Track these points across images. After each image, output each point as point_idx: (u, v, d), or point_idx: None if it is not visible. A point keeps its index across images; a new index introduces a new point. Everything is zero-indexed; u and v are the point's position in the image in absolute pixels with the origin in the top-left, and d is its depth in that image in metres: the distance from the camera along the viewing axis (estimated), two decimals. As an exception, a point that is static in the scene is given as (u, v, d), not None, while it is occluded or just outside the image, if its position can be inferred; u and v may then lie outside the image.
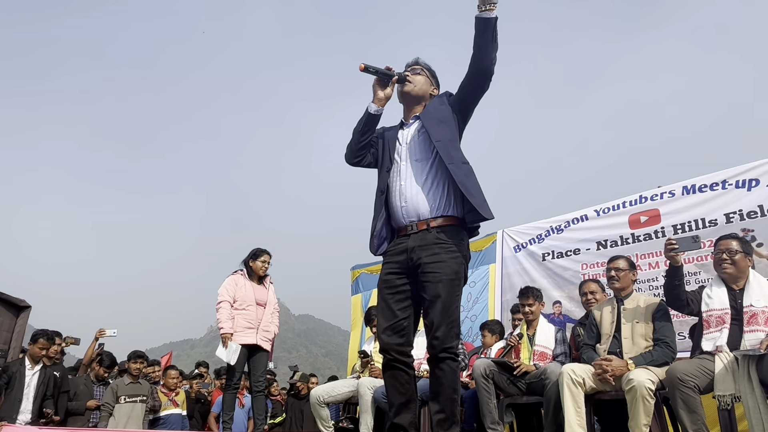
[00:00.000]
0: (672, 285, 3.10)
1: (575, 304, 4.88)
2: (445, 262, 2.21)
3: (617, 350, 3.24)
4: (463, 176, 2.27)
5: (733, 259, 2.99)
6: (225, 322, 4.40)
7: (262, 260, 4.71)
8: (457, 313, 2.23)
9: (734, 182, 4.26)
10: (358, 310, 7.15)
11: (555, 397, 3.20)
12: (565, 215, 5.35)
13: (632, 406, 2.85)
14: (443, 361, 2.18)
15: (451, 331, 2.18)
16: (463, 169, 2.29)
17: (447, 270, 2.20)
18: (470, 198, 2.22)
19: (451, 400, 2.18)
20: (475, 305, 5.87)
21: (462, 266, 2.27)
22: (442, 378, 2.18)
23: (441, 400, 2.18)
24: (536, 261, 5.44)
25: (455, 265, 2.23)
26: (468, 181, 2.27)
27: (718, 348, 2.84)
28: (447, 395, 2.18)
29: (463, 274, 2.27)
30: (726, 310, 2.94)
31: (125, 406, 4.94)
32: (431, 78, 2.55)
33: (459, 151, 2.35)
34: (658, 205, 4.64)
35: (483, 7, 2.16)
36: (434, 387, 2.22)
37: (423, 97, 2.50)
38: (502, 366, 3.65)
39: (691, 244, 2.97)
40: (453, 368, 2.19)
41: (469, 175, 2.30)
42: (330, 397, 4.29)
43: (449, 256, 2.22)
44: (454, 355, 2.20)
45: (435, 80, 2.57)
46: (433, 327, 2.18)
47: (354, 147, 2.48)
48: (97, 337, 6.04)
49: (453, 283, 2.21)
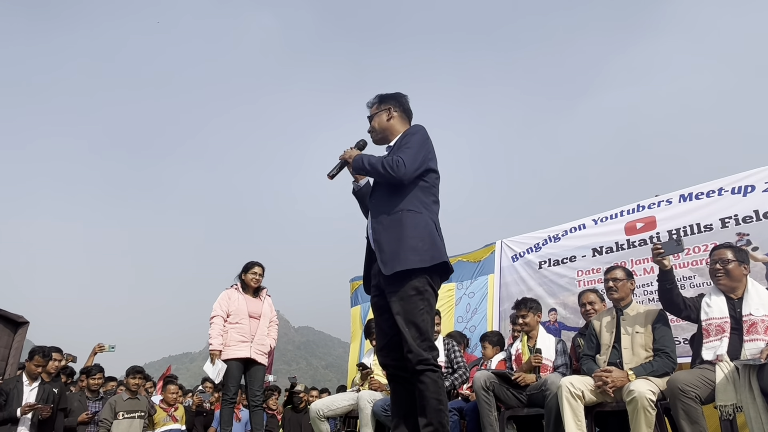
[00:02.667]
0: (664, 289, 3.12)
1: (570, 311, 4.88)
2: (403, 282, 2.31)
3: (617, 361, 3.23)
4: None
5: (726, 269, 2.99)
6: (214, 338, 4.42)
7: (252, 272, 4.73)
8: (426, 326, 2.29)
9: (730, 189, 4.28)
10: (357, 322, 7.13)
11: (556, 408, 3.18)
12: (563, 225, 5.37)
13: (633, 418, 2.83)
14: (422, 373, 2.24)
15: (422, 344, 2.26)
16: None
17: (406, 288, 2.30)
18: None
19: (438, 411, 2.22)
20: (473, 316, 5.86)
21: (423, 280, 2.33)
22: (424, 391, 2.24)
23: (427, 412, 2.23)
24: (533, 269, 5.44)
25: (414, 281, 2.31)
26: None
27: (719, 357, 2.83)
28: (432, 407, 2.22)
29: (425, 287, 2.33)
30: (725, 319, 2.93)
31: (123, 422, 4.90)
32: (381, 106, 2.64)
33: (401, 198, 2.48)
34: (654, 212, 4.66)
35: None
36: (419, 401, 2.28)
37: (386, 130, 2.63)
38: (502, 378, 3.63)
39: (675, 247, 3.03)
40: (433, 379, 2.25)
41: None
42: (330, 411, 4.26)
43: (406, 275, 2.31)
44: (433, 366, 2.26)
45: (385, 102, 2.65)
46: (403, 343, 2.27)
47: (365, 214, 2.72)
48: (96, 351, 5.97)
49: (413, 298, 2.29)
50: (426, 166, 2.46)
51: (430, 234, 2.39)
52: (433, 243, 2.37)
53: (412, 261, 2.29)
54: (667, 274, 3.09)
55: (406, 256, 2.30)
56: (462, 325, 5.84)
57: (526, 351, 3.82)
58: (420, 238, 2.35)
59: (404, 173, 2.35)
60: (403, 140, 2.50)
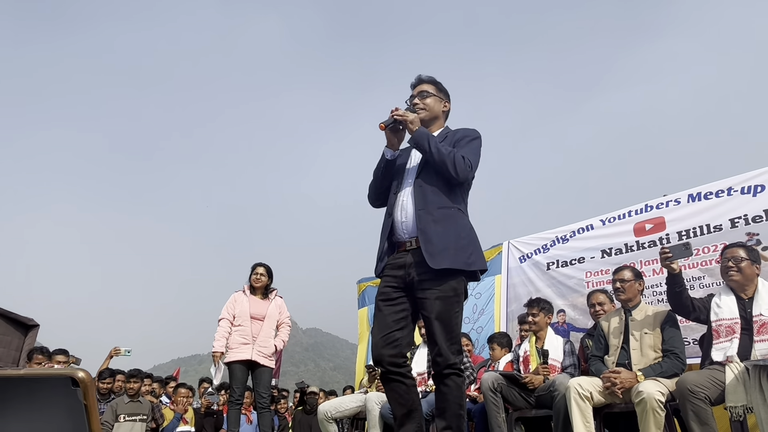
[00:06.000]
0: (673, 292, 3.11)
1: (579, 313, 4.85)
2: (443, 281, 2.22)
3: (626, 361, 3.21)
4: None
5: (740, 267, 2.97)
6: (217, 340, 4.54)
7: (255, 273, 4.79)
8: (457, 329, 2.24)
9: (740, 188, 4.24)
10: (365, 324, 7.14)
11: (564, 409, 3.16)
12: (571, 225, 5.34)
13: (642, 419, 2.81)
14: (448, 377, 2.21)
15: (453, 347, 2.20)
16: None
17: (445, 287, 2.22)
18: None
19: (458, 416, 2.19)
20: (480, 317, 5.84)
21: (461, 283, 2.28)
22: (447, 394, 2.21)
23: (447, 416, 2.20)
24: (540, 270, 5.41)
25: (454, 282, 2.23)
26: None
27: (729, 358, 2.81)
28: (453, 411, 2.20)
29: (462, 290, 2.28)
30: (735, 319, 2.91)
31: (125, 425, 4.90)
32: (440, 93, 2.54)
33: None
34: (663, 213, 4.62)
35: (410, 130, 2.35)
36: (440, 403, 2.24)
37: (435, 117, 2.52)
38: (510, 379, 3.62)
39: (683, 251, 3.01)
40: (458, 384, 2.22)
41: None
42: (337, 413, 4.26)
43: (449, 273, 2.23)
44: (458, 371, 2.22)
45: (444, 93, 2.56)
46: (435, 345, 2.21)
47: (377, 190, 2.54)
48: (112, 355, 5.98)
49: (451, 300, 2.22)
50: None
51: (476, 240, 2.36)
52: (478, 248, 2.34)
53: (461, 261, 2.23)
54: (676, 278, 3.07)
55: (457, 255, 2.23)
56: (469, 326, 5.82)
57: (534, 352, 3.81)
58: (470, 240, 2.31)
59: (467, 176, 2.32)
60: (467, 140, 2.41)
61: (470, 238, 2.32)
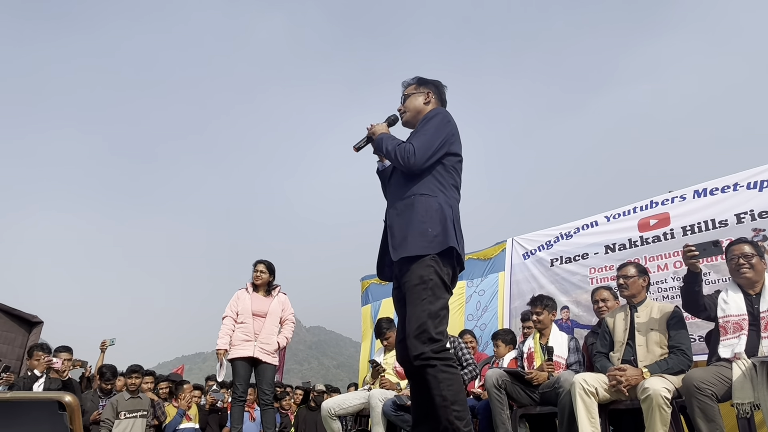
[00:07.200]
0: (692, 291, 3.04)
1: (583, 309, 4.84)
2: (410, 269, 2.21)
3: (631, 358, 3.18)
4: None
5: (751, 263, 2.94)
6: (221, 338, 4.57)
7: (255, 270, 4.82)
8: (423, 317, 2.12)
9: (746, 184, 4.21)
10: (368, 321, 7.13)
11: (569, 406, 3.14)
12: (576, 222, 5.32)
13: (648, 416, 2.79)
14: (422, 370, 2.11)
15: (420, 336, 2.10)
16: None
17: (410, 276, 2.20)
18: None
19: (442, 408, 2.07)
20: (484, 314, 5.83)
21: (429, 268, 2.17)
22: (429, 390, 2.11)
23: (434, 414, 2.11)
24: (544, 267, 5.39)
25: (418, 268, 2.18)
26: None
27: (736, 355, 2.78)
28: (437, 404, 2.09)
29: (431, 274, 2.17)
30: (743, 316, 2.88)
31: (125, 422, 4.89)
32: (419, 87, 2.54)
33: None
34: (668, 208, 4.59)
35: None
36: (423, 405, 2.23)
37: (420, 116, 2.50)
38: (514, 376, 3.60)
39: (713, 250, 2.87)
40: (433, 374, 2.09)
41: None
42: (341, 410, 4.25)
43: (413, 261, 2.22)
44: (429, 361, 2.09)
45: (424, 85, 2.55)
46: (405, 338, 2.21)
47: (386, 196, 2.61)
48: (102, 349, 6.15)
49: (417, 288, 2.16)
50: (444, 150, 2.33)
51: (442, 219, 2.22)
52: (444, 228, 2.21)
53: (418, 247, 2.17)
54: (697, 277, 3.01)
55: (413, 241, 2.18)
56: (472, 323, 5.81)
57: (538, 349, 3.79)
58: (430, 222, 2.21)
59: (413, 163, 2.26)
60: (420, 125, 2.39)
61: (432, 221, 2.21)
